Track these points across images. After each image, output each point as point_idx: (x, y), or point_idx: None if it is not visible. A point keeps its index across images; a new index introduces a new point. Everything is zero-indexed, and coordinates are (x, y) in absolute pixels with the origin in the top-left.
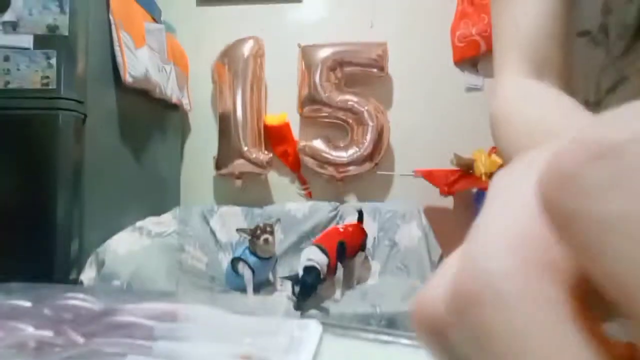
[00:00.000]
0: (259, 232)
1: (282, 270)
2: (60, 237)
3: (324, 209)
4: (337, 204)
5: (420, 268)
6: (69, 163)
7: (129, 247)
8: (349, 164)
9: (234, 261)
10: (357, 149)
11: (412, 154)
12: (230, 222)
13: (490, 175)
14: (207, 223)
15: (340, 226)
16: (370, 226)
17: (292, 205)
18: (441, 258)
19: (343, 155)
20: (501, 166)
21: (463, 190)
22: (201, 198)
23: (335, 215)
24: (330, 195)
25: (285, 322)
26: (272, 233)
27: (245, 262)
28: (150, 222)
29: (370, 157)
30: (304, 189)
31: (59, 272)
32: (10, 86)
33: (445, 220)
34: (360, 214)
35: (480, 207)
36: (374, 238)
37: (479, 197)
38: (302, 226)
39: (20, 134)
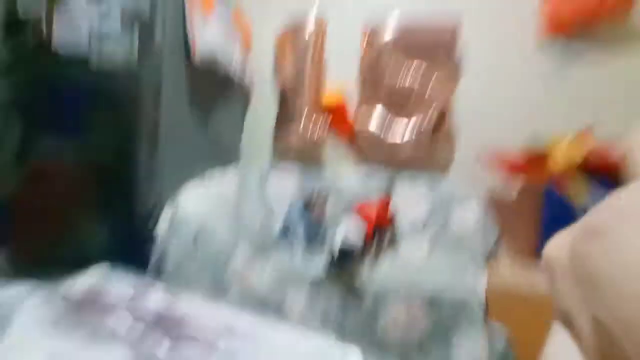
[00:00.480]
0: (312, 201)
1: (330, 236)
2: (141, 187)
3: (378, 178)
4: (392, 174)
5: (472, 252)
6: (148, 125)
7: (196, 202)
8: (408, 145)
9: (286, 224)
10: (418, 129)
11: (479, 133)
12: (285, 182)
13: (567, 168)
14: (264, 180)
15: (376, 205)
16: (423, 202)
17: (346, 172)
18: (499, 241)
19: (402, 136)
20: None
21: (531, 181)
22: (259, 153)
23: (389, 187)
24: (386, 164)
25: (327, 349)
26: (324, 203)
27: (296, 227)
28: (214, 178)
29: (431, 138)
30: (359, 157)
31: (139, 220)
32: (99, 58)
33: (507, 207)
34: (389, 187)
35: (549, 204)
36: (426, 216)
37: (549, 194)
38: (354, 195)
39: (109, 99)
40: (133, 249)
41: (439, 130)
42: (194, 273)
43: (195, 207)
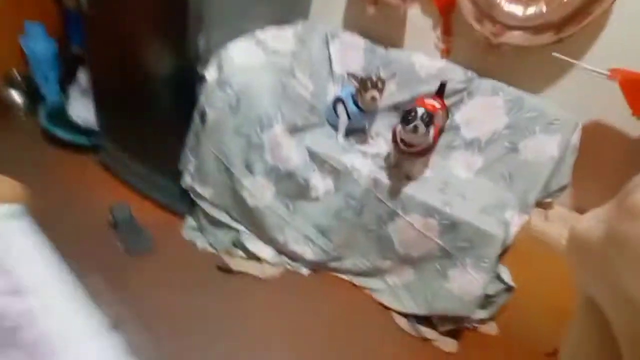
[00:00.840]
0: (368, 85)
1: (380, 124)
2: (192, 29)
3: (455, 76)
4: (474, 76)
5: (526, 188)
6: None
7: (245, 58)
8: (519, 27)
9: (336, 101)
10: (543, 9)
11: (627, 46)
12: (350, 54)
13: None
14: (327, 47)
15: (436, 103)
16: (497, 118)
17: (420, 58)
18: (563, 189)
19: (518, 12)
20: None
21: None
22: (330, 15)
23: (463, 90)
24: (471, 61)
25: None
26: (381, 90)
27: (345, 107)
28: (270, 35)
29: (556, 26)
30: (444, 43)
31: (190, 63)
32: None
33: (612, 151)
34: (442, 86)
35: None
36: (494, 132)
37: None
38: (421, 87)
39: None
40: (183, 85)
41: (576, 20)
42: (232, 131)
43: (242, 64)
